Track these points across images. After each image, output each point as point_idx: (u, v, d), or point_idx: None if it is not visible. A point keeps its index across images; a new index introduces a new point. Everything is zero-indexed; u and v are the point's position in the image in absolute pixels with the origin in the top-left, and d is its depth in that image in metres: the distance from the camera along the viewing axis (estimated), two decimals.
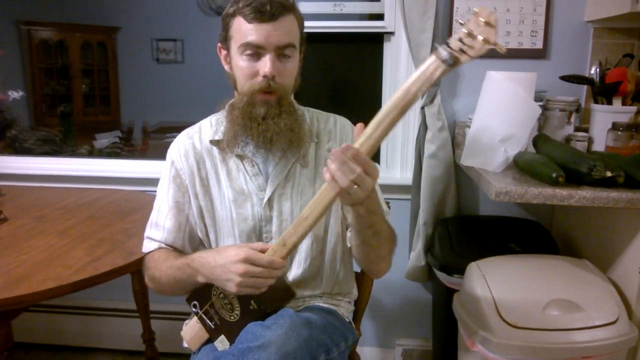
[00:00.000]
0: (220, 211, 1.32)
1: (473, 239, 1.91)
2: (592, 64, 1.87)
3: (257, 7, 1.16)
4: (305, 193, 1.32)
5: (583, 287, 1.50)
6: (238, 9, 1.20)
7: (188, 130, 1.39)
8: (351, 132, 1.38)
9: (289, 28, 1.21)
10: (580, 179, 1.40)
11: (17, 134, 3.55)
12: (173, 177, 1.34)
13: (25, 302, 1.29)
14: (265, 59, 1.19)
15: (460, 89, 2.09)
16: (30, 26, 5.24)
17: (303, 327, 1.10)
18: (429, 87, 0.98)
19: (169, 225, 1.34)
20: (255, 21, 1.17)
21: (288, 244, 1.13)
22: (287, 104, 1.26)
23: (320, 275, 1.38)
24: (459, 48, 0.92)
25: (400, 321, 2.34)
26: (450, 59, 0.93)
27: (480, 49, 0.91)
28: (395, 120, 1.01)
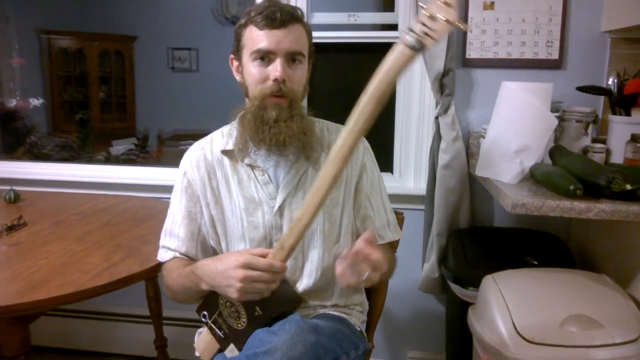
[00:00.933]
0: (231, 220, 1.34)
1: (488, 251, 1.89)
2: (609, 75, 1.86)
3: (268, 15, 1.21)
4: None
5: (602, 303, 1.46)
6: (250, 18, 1.25)
7: (200, 141, 1.42)
8: (362, 145, 1.41)
9: (298, 36, 1.26)
10: (598, 192, 1.38)
11: (36, 140, 3.61)
12: (185, 187, 1.37)
13: (43, 307, 1.31)
14: (275, 64, 1.23)
15: (474, 99, 2.08)
16: (50, 35, 5.32)
17: (310, 333, 1.10)
18: (401, 75, 1.00)
19: (183, 234, 1.37)
20: (266, 28, 1.22)
21: (286, 247, 1.15)
22: (298, 108, 1.28)
23: (332, 287, 1.39)
24: (423, 32, 0.94)
25: (413, 333, 2.32)
26: (417, 43, 0.95)
27: (443, 29, 0.93)
28: (374, 112, 1.04)
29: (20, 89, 4.72)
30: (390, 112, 2.24)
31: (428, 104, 2.10)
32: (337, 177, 1.10)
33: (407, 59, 0.98)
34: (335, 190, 1.34)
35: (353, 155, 1.20)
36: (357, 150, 1.38)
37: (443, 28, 0.93)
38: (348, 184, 1.37)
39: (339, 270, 1.08)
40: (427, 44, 0.95)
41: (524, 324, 1.41)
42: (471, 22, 2.01)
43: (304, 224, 1.13)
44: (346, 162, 1.10)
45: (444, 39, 1.89)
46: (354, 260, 1.06)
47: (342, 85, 2.35)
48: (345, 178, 1.36)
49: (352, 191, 1.38)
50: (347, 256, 1.06)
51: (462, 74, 2.05)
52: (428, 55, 1.93)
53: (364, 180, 1.39)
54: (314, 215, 1.13)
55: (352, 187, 1.38)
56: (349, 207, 1.38)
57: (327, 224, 1.34)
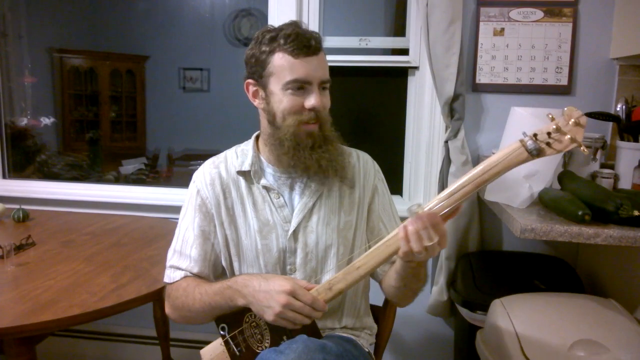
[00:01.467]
0: (245, 241, 1.33)
1: (496, 274, 1.89)
2: (617, 101, 1.86)
3: (304, 43, 1.21)
4: (330, 224, 1.33)
5: (610, 328, 1.46)
6: (279, 45, 1.22)
7: (213, 159, 1.41)
8: (373, 168, 1.42)
9: (325, 63, 1.27)
10: (606, 217, 1.37)
11: (46, 158, 3.63)
12: (199, 205, 1.35)
13: (50, 328, 1.31)
14: (312, 93, 1.23)
15: (484, 124, 2.09)
16: (62, 54, 5.39)
17: (317, 352, 1.09)
18: (507, 171, 1.00)
19: (195, 254, 1.34)
20: (302, 55, 1.21)
21: (334, 289, 1.15)
22: (328, 130, 1.29)
23: (342, 309, 1.38)
24: (545, 141, 0.95)
25: (421, 356, 2.30)
26: (535, 150, 0.96)
27: (567, 146, 0.94)
28: (468, 193, 1.03)
29: (31, 108, 4.77)
30: (400, 135, 2.25)
31: (438, 128, 2.11)
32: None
33: (520, 160, 0.99)
34: (349, 214, 1.35)
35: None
36: (368, 173, 1.40)
37: (567, 144, 0.95)
38: (361, 206, 1.37)
39: (408, 231, 1.03)
40: (547, 153, 0.96)
41: (532, 349, 1.41)
42: (481, 47, 2.02)
43: (361, 274, 1.13)
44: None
45: (454, 63, 1.91)
46: (429, 222, 1.02)
47: (353, 108, 2.37)
48: (357, 201, 1.37)
49: (365, 214, 1.39)
50: (422, 217, 1.02)
51: (472, 99, 2.06)
52: (438, 80, 1.95)
53: (376, 202, 1.40)
54: (374, 268, 1.14)
55: (365, 209, 1.39)
56: (361, 230, 1.38)
57: (342, 247, 1.33)
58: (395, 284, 1.26)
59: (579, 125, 0.94)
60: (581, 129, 0.94)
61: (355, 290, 1.39)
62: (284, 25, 1.26)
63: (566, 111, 0.95)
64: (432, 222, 1.02)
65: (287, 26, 1.25)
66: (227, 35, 5.38)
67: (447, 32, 1.90)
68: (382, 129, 2.36)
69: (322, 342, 1.15)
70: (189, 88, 5.70)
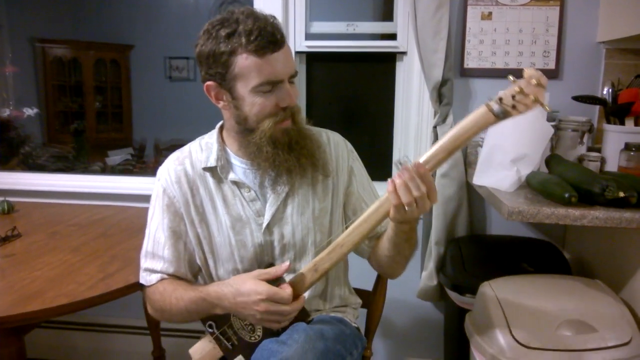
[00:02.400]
0: (218, 238, 1.30)
1: (485, 258, 1.90)
2: (604, 85, 1.87)
3: (268, 38, 1.11)
4: (305, 213, 1.30)
5: (596, 308, 1.48)
6: (241, 45, 1.12)
7: (177, 154, 1.34)
8: (345, 148, 1.38)
9: (290, 52, 1.21)
10: (593, 199, 1.39)
11: (30, 150, 3.59)
12: (167, 205, 1.30)
13: (38, 318, 1.30)
14: (284, 90, 1.17)
15: (472, 109, 2.06)
16: (44, 44, 5.31)
17: (318, 341, 1.10)
18: (477, 134, 1.04)
19: (168, 255, 1.30)
20: (268, 52, 1.12)
21: (320, 270, 1.15)
22: (302, 122, 1.26)
23: (325, 295, 1.39)
24: (511, 104, 0.98)
25: (412, 341, 2.32)
26: (501, 113, 0.99)
27: (530, 106, 0.98)
28: (442, 162, 1.06)
29: (14, 99, 4.71)
30: (389, 121, 2.25)
31: (426, 114, 2.11)
32: (387, 216, 1.10)
33: (488, 123, 1.02)
34: (323, 200, 1.33)
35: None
36: (342, 155, 1.37)
37: (530, 105, 0.98)
38: (336, 192, 1.35)
39: (396, 184, 1.04)
40: (512, 114, 1.00)
41: (520, 330, 1.43)
42: (469, 32, 2.02)
43: (344, 251, 1.14)
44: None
45: (442, 48, 1.90)
46: (415, 172, 1.03)
47: (341, 94, 2.36)
48: (332, 187, 1.34)
49: (341, 199, 1.37)
50: (408, 168, 1.04)
51: (460, 84, 2.06)
52: (426, 65, 1.94)
53: (354, 184, 1.38)
54: (357, 244, 1.14)
55: (341, 194, 1.36)
56: (337, 214, 1.36)
57: (319, 234, 1.32)
58: (388, 252, 1.26)
59: (540, 86, 0.97)
60: (542, 89, 0.98)
61: (336, 277, 1.40)
62: (239, 16, 1.14)
63: (526, 73, 0.98)
64: (418, 173, 1.03)
65: (242, 17, 1.13)
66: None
67: (435, 16, 1.89)
68: (371, 115, 2.36)
69: (320, 329, 1.16)
70: (175, 77, 5.65)
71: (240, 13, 1.14)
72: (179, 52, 5.57)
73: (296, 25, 2.18)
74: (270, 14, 1.18)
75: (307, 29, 2.21)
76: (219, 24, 1.15)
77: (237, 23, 1.13)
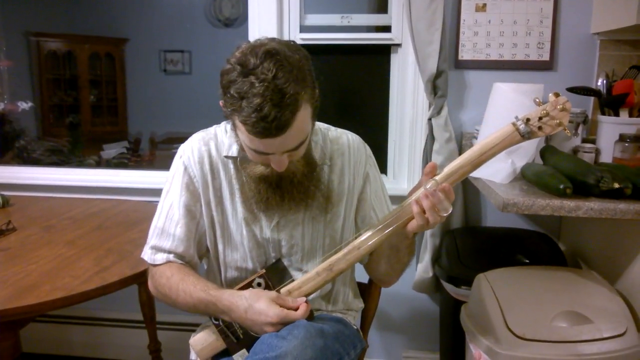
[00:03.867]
0: (232, 225, 1.30)
1: (480, 250, 1.91)
2: (598, 76, 1.87)
3: (265, 127, 1.01)
4: (317, 219, 1.29)
5: (591, 299, 1.49)
6: (241, 118, 1.04)
7: (202, 134, 1.32)
8: (364, 154, 1.36)
9: (298, 131, 1.08)
10: (587, 191, 1.39)
11: (25, 144, 3.58)
12: (186, 184, 1.28)
13: (33, 312, 1.29)
14: (275, 160, 1.11)
15: (467, 101, 2.09)
16: (39, 37, 5.28)
17: (318, 337, 1.10)
18: (500, 152, 1.08)
19: (180, 233, 1.28)
20: (262, 137, 1.04)
21: (335, 270, 1.16)
22: (302, 169, 1.21)
23: (329, 296, 1.39)
24: (537, 125, 1.05)
25: (407, 333, 2.32)
26: (527, 133, 1.05)
27: (555, 129, 1.05)
28: (466, 174, 1.10)
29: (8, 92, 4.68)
30: (384, 113, 2.25)
31: (421, 106, 2.10)
32: (411, 220, 1.11)
33: (513, 143, 1.07)
34: (337, 205, 1.31)
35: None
36: (360, 160, 1.34)
37: (555, 128, 1.05)
38: (350, 196, 1.33)
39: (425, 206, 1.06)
40: (537, 135, 1.06)
41: (516, 321, 1.43)
42: (463, 23, 2.02)
43: (362, 254, 1.16)
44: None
45: (436, 40, 1.90)
46: (444, 195, 1.06)
47: (336, 87, 2.36)
48: (346, 190, 1.32)
49: (354, 203, 1.35)
50: (436, 194, 1.05)
51: (454, 76, 2.05)
52: (421, 57, 1.94)
53: (368, 191, 1.36)
54: (374, 247, 1.15)
55: (355, 199, 1.34)
56: (349, 220, 1.35)
57: (328, 239, 1.31)
58: (387, 259, 1.27)
59: (564, 110, 1.04)
60: (566, 113, 1.04)
61: (343, 279, 1.40)
62: (254, 81, 1.01)
63: (553, 97, 1.04)
64: (447, 195, 1.06)
65: (254, 91, 1.01)
66: (208, 16, 5.31)
67: (430, 8, 1.88)
68: (366, 107, 2.36)
69: (320, 326, 1.16)
70: (170, 70, 5.63)
71: (260, 79, 1.01)
72: (174, 46, 5.55)
73: (290, 17, 2.17)
74: (304, 78, 1.07)
75: (301, 22, 2.20)
76: (240, 70, 1.03)
77: (248, 91, 1.01)
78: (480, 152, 1.08)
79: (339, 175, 1.31)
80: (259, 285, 1.21)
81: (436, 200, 1.05)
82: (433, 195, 1.05)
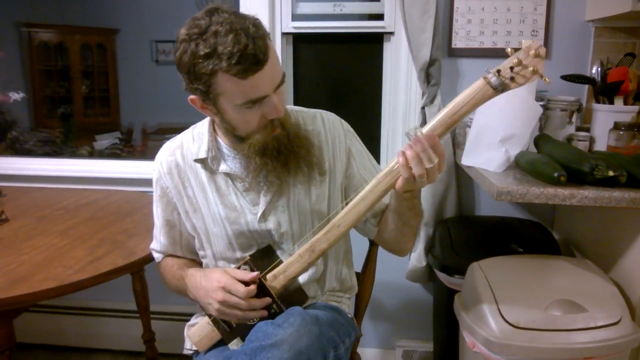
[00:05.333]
0: (214, 229, 1.30)
1: (474, 239, 1.91)
2: (593, 64, 1.86)
3: (250, 60, 1.01)
4: (302, 202, 1.29)
5: (585, 288, 1.49)
6: (221, 68, 1.03)
7: (169, 144, 1.33)
8: (341, 129, 1.34)
9: (276, 62, 1.10)
10: (582, 179, 1.39)
11: (17, 135, 3.55)
12: (160, 196, 1.34)
13: (26, 302, 1.29)
14: (270, 104, 1.11)
15: (460, 89, 2.08)
16: (30, 28, 5.25)
17: (313, 325, 1.10)
18: (474, 109, 1.02)
19: (164, 240, 1.38)
20: (251, 73, 1.03)
21: (317, 250, 1.16)
22: (291, 125, 1.21)
23: (324, 277, 1.39)
24: (509, 76, 0.97)
25: (401, 322, 2.33)
26: (500, 85, 0.98)
27: (529, 78, 0.97)
28: (440, 136, 1.04)
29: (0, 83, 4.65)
30: (377, 102, 2.24)
31: (414, 95, 2.10)
32: (387, 192, 1.10)
33: (486, 97, 1.01)
34: (320, 186, 1.30)
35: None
36: (339, 136, 1.33)
37: (529, 76, 0.97)
38: (333, 176, 1.32)
39: (408, 155, 1.02)
40: (511, 87, 0.98)
41: (510, 310, 1.43)
42: (457, 11, 2.00)
43: (342, 231, 1.15)
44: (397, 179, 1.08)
45: (429, 27, 1.89)
46: (428, 144, 1.01)
47: (328, 76, 2.34)
48: (329, 171, 1.31)
49: (339, 182, 1.33)
50: (421, 139, 1.01)
51: (448, 64, 2.05)
52: (414, 45, 1.93)
53: (354, 165, 1.34)
54: (355, 223, 1.14)
55: (339, 178, 1.33)
56: (335, 200, 1.33)
57: (316, 221, 1.30)
58: (394, 225, 1.25)
59: (539, 57, 0.97)
60: (541, 60, 0.97)
61: (335, 255, 1.39)
62: (218, 29, 1.02)
63: (525, 44, 0.98)
64: (431, 143, 1.01)
65: (222, 32, 1.01)
66: (198, 5, 5.28)
67: None
68: (359, 96, 2.35)
69: (315, 314, 1.17)
70: (161, 61, 5.60)
71: (219, 24, 1.02)
72: (165, 36, 5.52)
73: (282, 6, 2.15)
74: (252, 17, 1.08)
75: (293, 10, 2.18)
76: (197, 36, 1.03)
77: (215, 38, 1.02)
78: (451, 112, 1.03)
79: (317, 156, 1.28)
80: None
81: (419, 149, 1.01)
82: (416, 142, 1.01)
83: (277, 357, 1.02)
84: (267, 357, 1.02)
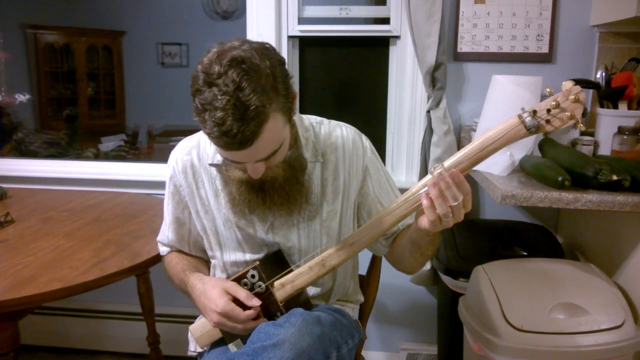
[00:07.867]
0: (224, 232, 1.30)
1: (478, 242, 1.91)
2: (597, 68, 1.87)
3: (227, 142, 0.96)
4: (312, 217, 1.27)
5: (589, 291, 1.49)
6: (205, 130, 0.98)
7: (186, 142, 1.31)
8: (360, 146, 1.30)
9: (268, 142, 1.02)
10: (586, 183, 1.39)
11: (23, 136, 3.57)
12: (172, 193, 1.33)
13: (32, 303, 1.29)
14: (250, 167, 1.06)
15: (465, 93, 2.09)
16: (36, 30, 5.27)
17: (315, 325, 1.10)
18: (504, 147, 0.98)
19: (172, 237, 1.38)
20: (228, 150, 1.00)
21: (327, 265, 1.16)
22: (285, 172, 1.17)
23: (330, 291, 1.39)
24: (545, 118, 0.93)
25: (406, 325, 2.33)
26: (534, 127, 0.94)
27: (565, 122, 0.93)
28: (465, 170, 1.01)
29: (5, 85, 4.67)
30: (382, 106, 2.24)
31: (420, 98, 2.10)
32: (405, 217, 1.09)
33: (518, 136, 0.97)
34: (333, 202, 1.28)
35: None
36: (355, 153, 1.29)
37: (566, 121, 0.93)
38: (346, 194, 1.29)
39: (432, 195, 0.97)
40: (545, 129, 0.95)
41: (513, 313, 1.44)
42: (462, 15, 2.01)
43: (354, 250, 1.15)
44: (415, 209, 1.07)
45: (435, 32, 1.89)
46: (452, 181, 0.96)
47: (334, 79, 2.35)
48: (342, 187, 1.28)
49: (352, 200, 1.30)
50: (445, 176, 0.96)
51: (453, 68, 2.05)
52: (420, 49, 1.93)
53: (369, 184, 1.30)
54: (368, 244, 1.15)
55: (352, 196, 1.30)
56: (347, 218, 1.31)
57: (325, 237, 1.28)
58: (409, 253, 1.23)
59: (578, 102, 0.92)
60: (580, 105, 0.93)
61: (344, 272, 1.39)
62: (216, 95, 0.94)
63: (565, 86, 0.93)
64: (455, 181, 0.97)
65: (217, 104, 0.94)
66: (205, 8, 5.29)
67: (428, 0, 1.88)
68: (364, 99, 2.35)
69: (317, 315, 1.17)
70: (167, 63, 5.62)
71: (221, 91, 0.94)
72: (171, 38, 5.53)
73: (289, 9, 2.16)
74: (269, 82, 0.98)
75: (300, 13, 2.19)
76: (202, 84, 0.97)
77: (210, 102, 0.95)
78: (480, 147, 0.99)
79: (332, 172, 1.27)
80: (252, 277, 1.20)
81: (443, 186, 0.96)
82: (439, 179, 0.97)
83: (279, 356, 1.02)
84: (269, 357, 1.02)
